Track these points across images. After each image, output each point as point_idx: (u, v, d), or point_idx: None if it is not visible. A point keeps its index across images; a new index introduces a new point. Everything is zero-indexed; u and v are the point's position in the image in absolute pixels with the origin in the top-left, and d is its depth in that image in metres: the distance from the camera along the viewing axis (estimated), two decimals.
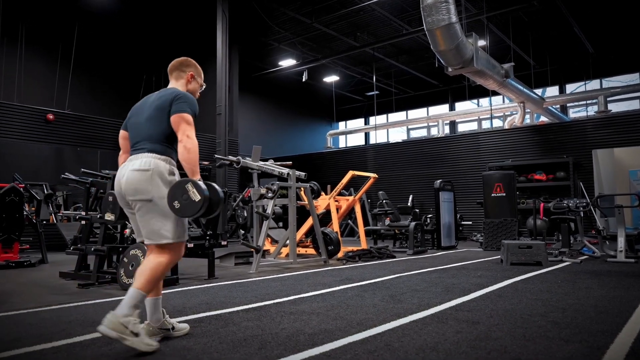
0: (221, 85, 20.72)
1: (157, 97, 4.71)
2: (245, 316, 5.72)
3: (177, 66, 4.99)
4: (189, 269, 10.97)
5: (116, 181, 4.58)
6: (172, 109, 4.52)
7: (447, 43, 16.26)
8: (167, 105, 4.56)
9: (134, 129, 4.72)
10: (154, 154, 4.49)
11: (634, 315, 5.51)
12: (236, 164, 11.98)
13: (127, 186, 4.44)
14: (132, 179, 4.42)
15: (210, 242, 9.93)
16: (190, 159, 4.34)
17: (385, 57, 30.75)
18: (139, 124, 4.67)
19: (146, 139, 4.56)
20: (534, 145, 22.34)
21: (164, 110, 4.55)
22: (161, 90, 4.80)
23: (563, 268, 10.42)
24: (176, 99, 4.56)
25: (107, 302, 6.83)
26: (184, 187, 4.27)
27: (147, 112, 4.66)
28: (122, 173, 4.53)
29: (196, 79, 5.05)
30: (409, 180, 25.72)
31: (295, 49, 30.17)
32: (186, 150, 4.34)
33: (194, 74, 5.02)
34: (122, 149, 4.87)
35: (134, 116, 4.78)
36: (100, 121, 21.29)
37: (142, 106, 4.78)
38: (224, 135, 20.45)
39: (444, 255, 14.42)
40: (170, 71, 5.01)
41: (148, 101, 4.76)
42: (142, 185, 4.40)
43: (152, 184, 4.40)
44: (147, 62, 28.02)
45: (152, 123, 4.58)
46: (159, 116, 4.57)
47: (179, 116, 4.48)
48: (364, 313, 5.81)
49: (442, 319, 5.42)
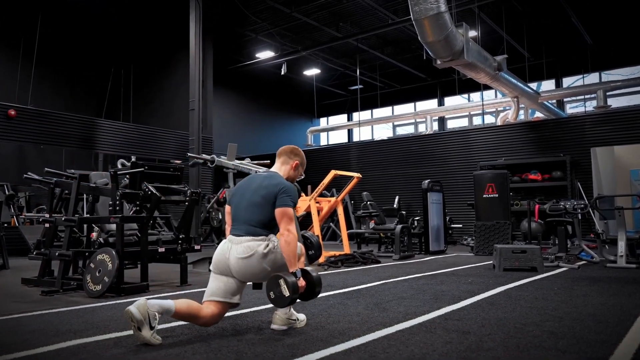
0: (194, 78, 20.64)
1: (262, 183, 5.51)
2: (220, 325, 5.71)
3: (287, 152, 5.89)
4: (160, 275, 10.95)
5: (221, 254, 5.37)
6: (277, 202, 5.29)
7: (435, 34, 16.24)
8: (272, 196, 5.33)
9: (236, 209, 5.56)
10: (253, 237, 5.28)
11: (635, 325, 5.54)
12: (210, 163, 11.97)
13: (239, 273, 5.28)
14: (241, 266, 5.25)
15: (183, 246, 9.89)
16: (290, 251, 5.10)
17: (369, 49, 30.78)
18: (241, 205, 5.52)
19: (246, 222, 5.39)
20: (529, 143, 22.42)
21: (269, 201, 5.34)
22: (268, 175, 5.66)
23: (559, 274, 10.46)
24: (281, 192, 5.34)
25: (73, 310, 6.81)
26: (277, 281, 5.06)
27: (251, 196, 5.47)
28: (226, 252, 5.33)
29: (299, 169, 5.93)
30: (395, 180, 25.76)
31: (273, 40, 30.14)
32: (286, 243, 5.11)
33: (299, 164, 5.92)
34: (227, 223, 5.72)
35: (238, 195, 5.64)
36: (65, 117, 21.20)
37: (246, 187, 5.63)
38: (197, 132, 20.38)
39: (433, 260, 14.47)
40: (279, 154, 5.91)
41: (254, 184, 5.58)
42: (251, 269, 5.24)
43: (259, 263, 5.24)
44: (116, 54, 27.99)
45: (255, 208, 5.40)
46: (263, 205, 5.36)
47: (283, 210, 5.25)
48: (347, 322, 5.83)
49: (431, 329, 5.43)
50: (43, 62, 24.59)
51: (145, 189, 9.80)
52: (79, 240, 9.68)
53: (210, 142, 25.55)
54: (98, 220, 9.53)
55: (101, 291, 7.90)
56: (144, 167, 11.19)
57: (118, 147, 22.67)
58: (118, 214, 8.71)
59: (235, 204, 5.60)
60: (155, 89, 28.41)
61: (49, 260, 9.43)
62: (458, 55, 17.36)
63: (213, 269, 5.47)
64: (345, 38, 27.65)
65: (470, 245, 17.91)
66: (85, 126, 21.80)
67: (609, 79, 29.80)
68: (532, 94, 24.72)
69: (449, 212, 21.73)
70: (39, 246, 10.14)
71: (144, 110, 28.35)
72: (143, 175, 10.86)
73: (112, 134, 22.67)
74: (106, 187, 9.61)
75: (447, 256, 15.86)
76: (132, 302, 4.88)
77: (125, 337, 5.17)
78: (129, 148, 22.83)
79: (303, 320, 5.66)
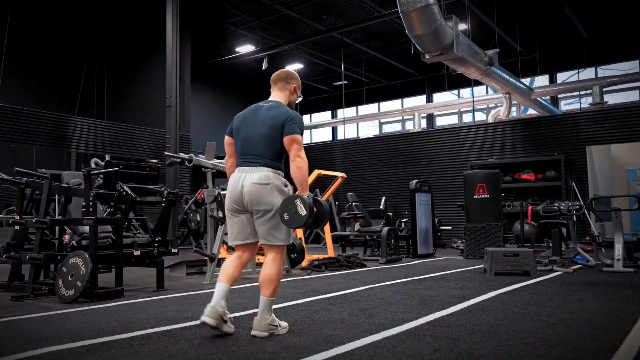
0: (171, 74, 20.63)
1: (268, 114, 5.86)
2: (199, 332, 5.72)
3: (283, 77, 6.22)
4: (135, 279, 10.94)
5: (234, 186, 5.75)
6: (285, 130, 5.71)
7: (423, 27, 16.25)
8: (280, 125, 5.73)
9: (246, 142, 5.87)
10: (270, 169, 5.70)
11: (633, 331, 5.57)
12: (188, 162, 11.96)
13: (250, 197, 5.64)
14: (254, 191, 5.63)
15: (160, 249, 9.86)
16: (301, 176, 5.62)
17: (354, 43, 30.76)
18: (253, 138, 5.84)
19: (261, 154, 5.75)
20: (521, 141, 22.49)
21: (277, 130, 5.73)
22: (269, 104, 6.02)
23: (553, 278, 10.52)
24: (288, 121, 5.75)
25: (44, 316, 6.79)
26: (294, 201, 5.45)
27: (260, 129, 5.81)
28: (239, 182, 5.71)
29: (297, 91, 6.27)
30: (382, 180, 25.77)
31: (254, 33, 30.08)
32: (298, 168, 5.61)
33: (297, 87, 6.25)
34: (228, 153, 6.15)
35: (244, 127, 5.97)
36: (36, 114, 21.13)
37: (252, 119, 5.96)
38: (174, 129, 20.38)
39: (421, 264, 14.50)
40: (274, 81, 6.25)
41: (259, 115, 5.93)
42: (264, 197, 5.61)
43: (272, 195, 5.62)
44: (89, 48, 27.90)
45: (267, 140, 5.76)
46: (273, 135, 5.74)
47: (291, 138, 5.69)
48: (331, 329, 5.84)
49: (419, 335, 5.44)
50: (12, 56, 24.48)
51: (120, 189, 9.78)
52: (50, 243, 9.64)
53: (187, 141, 25.50)
54: (70, 222, 9.50)
55: (74, 296, 7.87)
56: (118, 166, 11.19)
57: (91, 145, 22.60)
58: (91, 215, 8.68)
59: (244, 137, 5.90)
60: (131, 84, 28.39)
61: (19, 264, 9.36)
62: (447, 50, 17.39)
63: (227, 206, 5.88)
64: (329, 31, 27.63)
65: (460, 249, 17.94)
66: (57, 124, 21.71)
67: (606, 74, 29.87)
68: (525, 90, 24.79)
69: (437, 213, 21.76)
70: (8, 249, 10.08)
71: (118, 107, 28.29)
72: (118, 175, 10.82)
73: (85, 131, 22.59)
74: (79, 188, 9.57)
75: (435, 260, 15.93)
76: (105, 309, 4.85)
77: (98, 345, 5.15)
78: (103, 146, 22.77)
79: (285, 328, 5.73)
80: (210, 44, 32.23)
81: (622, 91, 29.87)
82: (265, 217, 5.67)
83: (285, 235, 5.76)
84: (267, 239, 5.73)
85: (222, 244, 11.61)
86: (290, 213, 5.44)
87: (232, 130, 6.13)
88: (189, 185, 25.34)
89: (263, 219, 5.69)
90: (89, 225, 8.53)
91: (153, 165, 20.17)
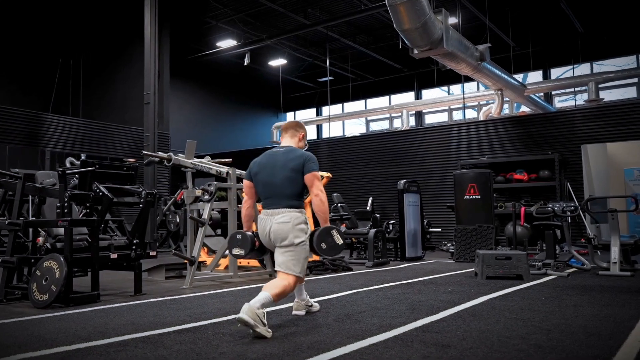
0: (149, 69, 20.56)
1: (287, 157, 6.82)
2: (178, 338, 5.73)
3: (293, 126, 7.36)
4: (112, 283, 10.91)
5: (262, 228, 6.72)
6: (305, 169, 6.71)
7: (412, 20, 16.24)
8: (300, 167, 6.72)
9: (268, 185, 6.82)
10: (292, 209, 6.66)
11: (630, 338, 5.58)
12: (167, 162, 11.96)
13: (275, 234, 6.59)
14: (278, 229, 6.57)
15: (137, 252, 9.82)
16: (324, 209, 6.72)
17: (340, 37, 30.85)
18: (274, 182, 6.77)
19: (284, 195, 6.70)
20: (514, 140, 22.45)
21: (299, 172, 6.72)
22: (284, 149, 6.99)
23: (547, 282, 10.55)
24: (307, 161, 6.76)
25: (17, 322, 6.80)
26: (330, 232, 6.65)
27: (281, 172, 6.75)
28: (266, 225, 6.66)
29: (305, 139, 7.40)
30: (368, 180, 25.70)
31: (236, 27, 30.12)
32: (321, 202, 6.69)
33: (304, 135, 7.40)
34: (248, 195, 7.15)
35: (263, 172, 6.90)
36: (8, 112, 21.03)
37: (272, 164, 6.87)
38: (152, 127, 20.33)
39: (409, 267, 14.52)
40: (285, 129, 7.35)
41: (277, 160, 6.86)
42: (286, 234, 6.55)
43: (293, 232, 6.55)
44: (64, 43, 27.81)
45: (289, 181, 6.72)
46: (294, 177, 6.72)
47: (312, 174, 6.74)
48: (316, 334, 5.86)
49: (407, 342, 5.46)
50: None
51: (96, 189, 9.77)
52: (24, 246, 9.62)
53: (167, 139, 25.51)
54: (45, 223, 9.47)
55: (48, 301, 7.87)
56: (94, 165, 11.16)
57: (67, 144, 22.57)
58: (66, 217, 8.67)
59: (266, 181, 6.85)
60: (108, 81, 28.30)
61: None
62: (437, 44, 17.40)
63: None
64: (313, 25, 27.67)
65: (450, 251, 17.99)
66: (30, 121, 21.65)
67: (601, 69, 30.10)
68: (517, 87, 24.87)
69: (427, 215, 21.71)
70: None
71: (95, 104, 28.20)
72: (94, 174, 10.82)
73: (60, 130, 22.55)
74: (54, 188, 9.56)
75: (424, 263, 15.93)
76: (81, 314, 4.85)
77: (74, 352, 5.16)
78: (78, 145, 22.74)
79: (269, 332, 5.91)
80: (190, 39, 32.23)
81: (619, 87, 30.04)
82: (286, 250, 6.55)
83: (300, 269, 6.58)
84: (283, 268, 6.51)
85: (202, 246, 11.61)
86: (328, 243, 6.59)
87: (251, 175, 7.06)
88: (168, 186, 25.34)
89: (283, 250, 6.57)
90: (64, 227, 8.50)
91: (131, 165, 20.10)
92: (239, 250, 7.00)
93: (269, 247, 6.86)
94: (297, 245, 6.56)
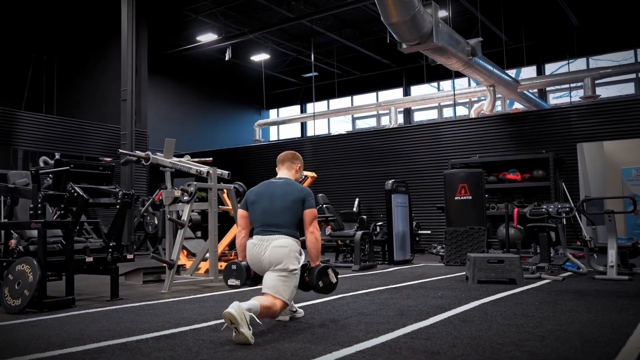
0: (126, 64, 20.51)
1: (287, 189, 7.24)
2: (156, 345, 5.74)
3: (289, 158, 7.69)
4: (87, 287, 10.89)
5: (255, 252, 6.96)
6: (306, 205, 7.12)
7: (400, 13, 16.22)
8: (301, 200, 7.12)
9: (266, 214, 7.13)
10: (289, 237, 6.98)
11: (628, 345, 5.61)
12: (145, 161, 11.95)
13: (271, 257, 6.84)
14: (275, 253, 6.84)
15: (114, 255, 9.81)
16: (318, 247, 7.11)
17: (325, 31, 30.84)
18: (273, 210, 7.10)
19: (282, 224, 7.03)
20: (507, 138, 22.51)
21: (299, 203, 7.10)
22: (282, 180, 7.42)
23: (541, 287, 10.59)
24: (307, 196, 7.18)
25: None
26: (326, 271, 7.05)
27: (281, 202, 7.12)
28: (261, 249, 6.92)
29: (301, 170, 7.77)
30: (355, 180, 25.70)
31: (216, 21, 30.09)
32: (316, 240, 7.08)
33: (300, 166, 7.77)
34: (241, 226, 7.43)
35: (262, 201, 7.23)
36: None
37: (270, 193, 7.25)
38: (130, 125, 20.28)
39: (397, 271, 14.55)
40: (281, 161, 7.70)
41: (276, 190, 7.25)
42: (282, 259, 6.81)
43: (288, 258, 6.83)
44: (38, 38, 27.72)
45: (289, 211, 7.09)
46: (295, 207, 7.10)
47: (312, 212, 7.16)
48: (300, 342, 5.88)
49: (395, 349, 5.48)
50: None
51: (71, 190, 9.75)
52: None
53: (144, 137, 25.46)
54: (17, 225, 9.45)
55: (21, 306, 7.85)
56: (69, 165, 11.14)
57: (40, 142, 22.48)
58: (40, 218, 8.66)
59: (264, 209, 7.16)
60: (83, 77, 28.21)
61: None
62: (426, 38, 17.42)
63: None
64: (298, 19, 27.70)
65: (440, 254, 17.96)
66: (2, 119, 21.57)
67: (598, 65, 30.10)
68: (510, 83, 24.92)
69: (416, 216, 21.74)
70: None
71: (70, 101, 28.13)
72: (68, 174, 10.78)
73: (33, 127, 22.47)
74: (26, 188, 9.54)
75: (413, 266, 15.96)
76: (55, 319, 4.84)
77: (47, 359, 5.15)
78: (52, 144, 22.66)
79: (251, 337, 6.00)
80: (169, 33, 32.18)
81: (616, 83, 30.11)
82: (279, 274, 6.80)
83: (289, 296, 6.84)
84: (272, 292, 6.72)
85: (181, 249, 11.61)
86: (324, 281, 7.00)
87: (247, 204, 7.40)
88: (146, 186, 25.27)
89: (276, 274, 6.80)
90: (38, 229, 8.49)
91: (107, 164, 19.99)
92: (235, 280, 7.26)
93: (259, 271, 7.06)
94: (290, 272, 6.82)
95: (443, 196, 17.34)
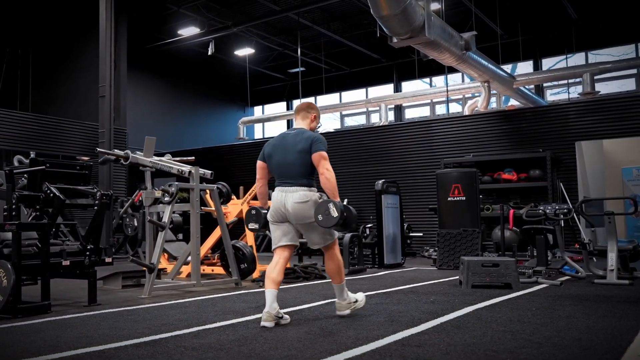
0: (104, 59, 20.50)
1: (296, 140, 7.89)
2: (136, 352, 5.73)
3: (304, 107, 8.35)
4: (64, 292, 10.89)
5: (277, 203, 7.77)
6: (312, 149, 7.74)
7: (391, 6, 16.15)
8: (308, 148, 7.76)
9: (281, 166, 7.92)
10: (306, 188, 7.75)
11: (628, 352, 5.62)
12: (124, 160, 11.95)
13: (296, 215, 7.67)
14: (297, 209, 7.65)
15: (92, 258, 9.77)
16: (331, 186, 7.70)
17: (313, 25, 30.81)
18: (286, 162, 7.87)
19: (296, 176, 7.79)
20: (502, 137, 22.52)
21: (307, 152, 7.76)
22: (294, 131, 8.05)
23: (538, 292, 10.63)
24: (314, 142, 7.78)
25: None
26: (327, 205, 7.43)
27: (292, 154, 7.83)
28: (282, 201, 7.72)
29: (317, 119, 8.38)
30: (343, 180, 25.38)
31: (199, 14, 30.01)
32: (327, 180, 7.68)
33: (316, 116, 8.37)
34: (260, 175, 8.32)
35: (275, 153, 8.00)
36: None
37: (283, 145, 7.98)
38: (108, 123, 20.27)
39: (388, 275, 14.60)
40: (297, 111, 8.37)
41: (287, 142, 7.96)
42: (306, 213, 7.63)
43: (311, 210, 7.58)
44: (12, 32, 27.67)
45: (300, 163, 7.79)
46: (303, 157, 7.77)
47: (319, 154, 7.74)
48: (286, 349, 5.88)
49: (385, 356, 5.49)
50: None
51: (47, 190, 9.75)
52: None
53: (123, 135, 25.44)
54: None
55: None
56: (45, 164, 11.13)
57: (14, 140, 22.44)
58: (14, 220, 8.66)
59: (278, 162, 7.95)
60: (60, 72, 28.18)
61: None
62: (418, 32, 17.37)
63: (271, 218, 7.95)
64: (284, 12, 27.66)
65: (432, 258, 17.94)
66: None
67: (597, 60, 30.18)
68: (506, 78, 24.93)
69: (407, 218, 21.76)
70: None
71: (45, 97, 28.11)
72: (44, 174, 10.78)
73: (7, 125, 22.42)
74: (0, 189, 9.53)
75: (405, 270, 15.99)
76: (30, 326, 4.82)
77: None
78: (27, 142, 22.59)
79: (362, 300, 7.98)
80: (150, 26, 32.08)
81: (616, 79, 30.16)
82: (309, 227, 7.74)
83: (332, 234, 7.91)
84: (321, 243, 7.89)
85: (162, 252, 11.60)
86: (324, 215, 7.37)
87: (264, 156, 8.17)
88: (125, 186, 25.23)
89: (307, 229, 7.80)
90: (12, 231, 8.45)
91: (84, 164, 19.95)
92: (254, 224, 8.25)
93: (282, 219, 7.81)
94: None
95: (435, 197, 17.36)
